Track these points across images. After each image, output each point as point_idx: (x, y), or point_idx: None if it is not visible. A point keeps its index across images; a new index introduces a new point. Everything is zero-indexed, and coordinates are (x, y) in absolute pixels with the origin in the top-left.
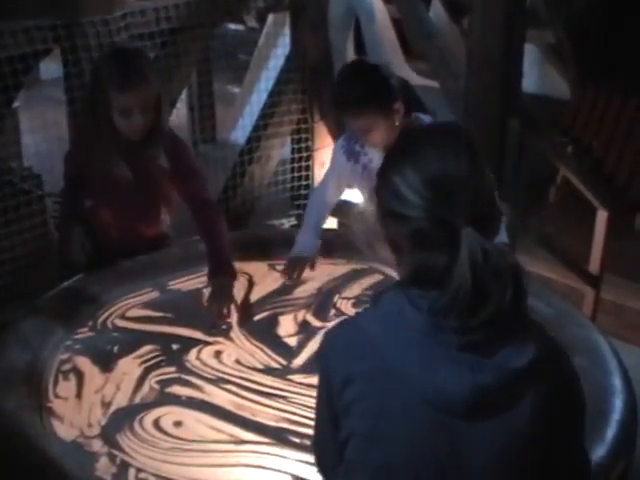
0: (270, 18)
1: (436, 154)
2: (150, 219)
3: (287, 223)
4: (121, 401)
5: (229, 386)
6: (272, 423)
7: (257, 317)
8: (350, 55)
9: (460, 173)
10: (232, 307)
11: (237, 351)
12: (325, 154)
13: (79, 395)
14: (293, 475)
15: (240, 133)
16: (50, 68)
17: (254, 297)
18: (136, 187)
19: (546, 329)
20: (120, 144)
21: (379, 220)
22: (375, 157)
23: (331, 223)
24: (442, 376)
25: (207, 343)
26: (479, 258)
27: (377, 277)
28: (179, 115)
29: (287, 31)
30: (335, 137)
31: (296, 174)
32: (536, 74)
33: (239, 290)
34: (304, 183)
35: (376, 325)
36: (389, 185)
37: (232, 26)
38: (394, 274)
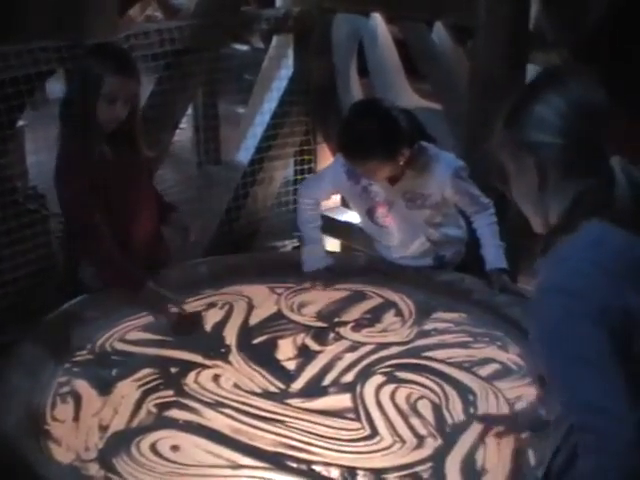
0: (274, 40)
1: (578, 84)
2: (143, 210)
3: (290, 245)
4: (119, 425)
5: (227, 410)
6: (270, 448)
7: (256, 341)
8: (354, 77)
9: (601, 102)
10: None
11: (235, 375)
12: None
13: (77, 418)
14: None
15: (244, 154)
16: (57, 87)
17: (253, 321)
18: (122, 178)
19: None
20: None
21: (519, 163)
22: (377, 182)
23: (333, 246)
24: None
25: (205, 367)
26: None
27: (376, 300)
28: (184, 136)
29: (291, 53)
30: None
31: None
32: None
33: (239, 313)
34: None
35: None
36: (533, 116)
37: (238, 47)
38: (394, 297)
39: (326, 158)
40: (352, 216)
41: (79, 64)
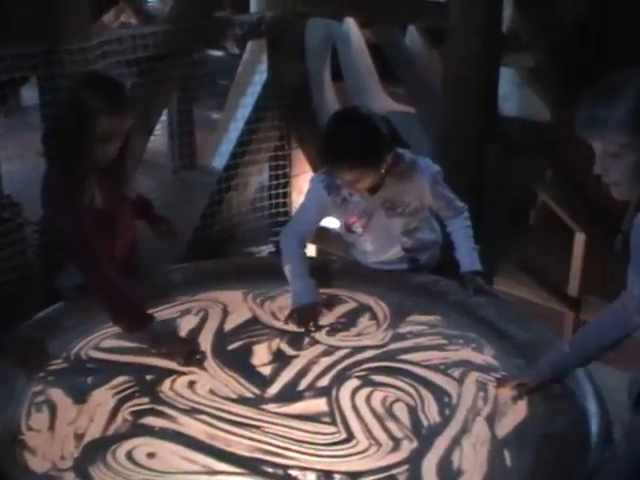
0: (249, 45)
1: None
2: (121, 243)
3: (266, 250)
4: (94, 433)
5: (203, 416)
6: (246, 453)
7: (231, 346)
8: (327, 82)
9: None
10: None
11: (211, 381)
12: (303, 180)
13: (52, 427)
14: None
15: (219, 160)
16: (32, 94)
17: (228, 326)
18: (105, 212)
19: None
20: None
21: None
22: (356, 193)
23: (309, 251)
24: None
25: (181, 373)
26: None
27: (351, 305)
28: (159, 142)
29: (265, 58)
30: (312, 163)
31: (274, 201)
32: (516, 97)
33: (214, 319)
34: (282, 210)
35: None
36: None
37: (213, 52)
38: (368, 301)
39: (301, 163)
40: (327, 221)
41: (69, 95)
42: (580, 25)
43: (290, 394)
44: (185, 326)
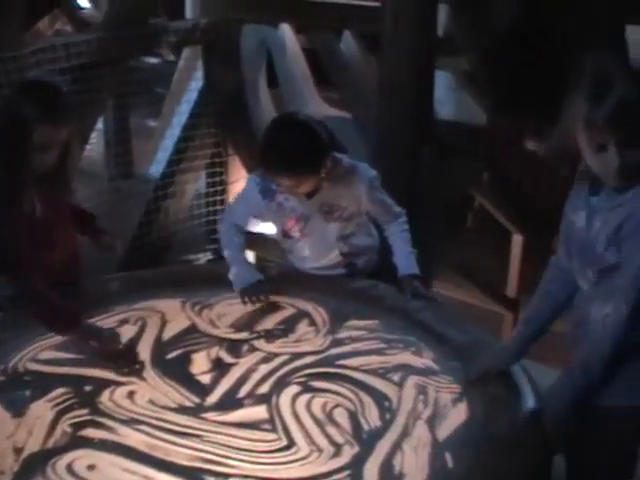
0: (184, 52)
1: None
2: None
3: (203, 258)
4: (33, 446)
5: (142, 427)
6: (186, 463)
7: (170, 355)
8: (263, 88)
9: None
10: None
11: (150, 391)
12: (240, 187)
13: None
14: None
15: (156, 168)
16: None
17: (167, 335)
18: (46, 221)
19: None
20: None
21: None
22: (292, 197)
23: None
24: None
25: (120, 384)
26: None
27: (290, 311)
28: (94, 151)
29: (201, 65)
30: (249, 170)
31: (211, 208)
32: (451, 101)
33: (152, 328)
34: (219, 217)
35: None
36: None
37: (148, 59)
38: (307, 307)
39: (237, 169)
40: (265, 227)
41: (4, 104)
42: (514, 28)
43: (230, 402)
44: (123, 336)
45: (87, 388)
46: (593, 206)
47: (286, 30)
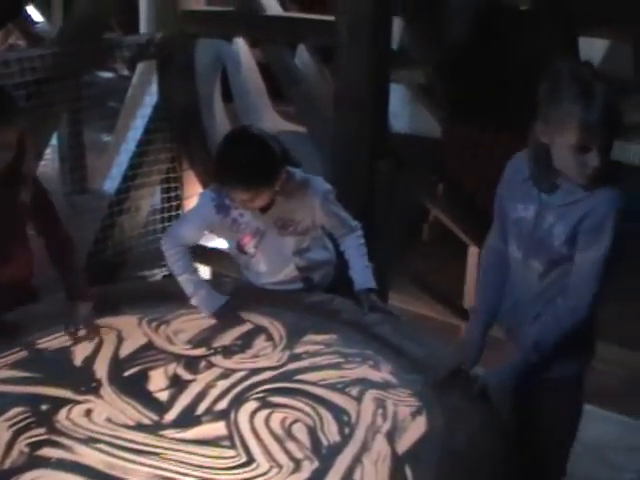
0: (139, 66)
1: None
2: (14, 259)
3: (159, 274)
4: None
5: (100, 445)
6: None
7: (127, 373)
8: (218, 102)
9: None
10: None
11: (107, 409)
12: (195, 202)
13: None
14: None
15: (110, 183)
16: None
17: (123, 352)
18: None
19: None
20: None
21: None
22: (246, 212)
23: (204, 273)
24: None
25: (77, 402)
26: None
27: (247, 326)
28: (49, 166)
29: (155, 79)
30: (204, 185)
31: (167, 223)
32: (407, 114)
33: (108, 346)
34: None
35: None
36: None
37: (102, 74)
38: (263, 322)
39: (192, 185)
40: (220, 242)
41: None
42: (467, 42)
43: (188, 419)
44: (79, 353)
45: (44, 407)
46: (545, 202)
47: (241, 44)
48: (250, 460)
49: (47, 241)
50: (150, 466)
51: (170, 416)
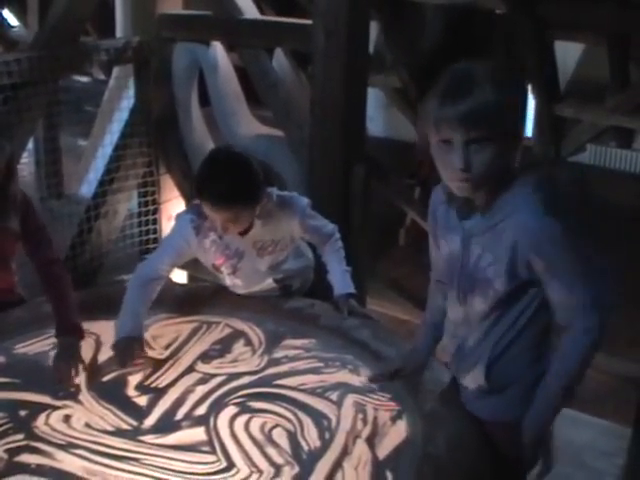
0: (115, 71)
1: None
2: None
3: None
4: None
5: (79, 451)
6: None
7: (106, 378)
8: (195, 106)
9: None
10: (80, 368)
11: (86, 414)
12: (172, 207)
13: None
14: None
15: (87, 188)
16: None
17: (102, 357)
18: None
19: None
20: None
21: None
22: (226, 235)
23: (181, 277)
24: None
25: (55, 407)
26: None
27: (226, 331)
28: (25, 171)
29: (132, 84)
30: (181, 189)
31: (144, 228)
32: (382, 118)
33: (87, 351)
34: (152, 237)
35: None
36: None
37: (78, 78)
38: (242, 327)
39: (169, 189)
40: None
41: None
42: (442, 46)
43: (167, 424)
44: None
45: (22, 412)
46: (467, 229)
47: (218, 48)
48: (230, 465)
49: (39, 266)
50: (130, 472)
51: (149, 421)
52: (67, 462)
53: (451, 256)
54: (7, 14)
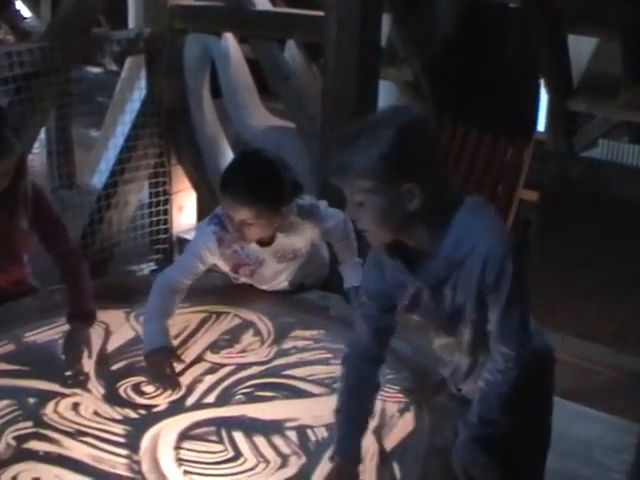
0: (127, 62)
1: None
2: (8, 273)
3: (147, 268)
4: None
5: (88, 439)
6: (133, 475)
7: (114, 367)
8: (206, 98)
9: None
10: (87, 357)
11: (95, 402)
12: (183, 197)
13: None
14: None
15: (98, 178)
16: None
17: (111, 346)
18: None
19: None
20: None
21: None
22: (248, 246)
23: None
24: None
25: (64, 395)
26: None
27: (235, 321)
28: (37, 161)
29: (144, 75)
30: (192, 180)
31: (154, 219)
32: None
33: (96, 339)
34: (163, 227)
35: None
36: None
37: (90, 69)
38: (252, 317)
39: (180, 180)
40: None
41: None
42: (454, 39)
43: (176, 413)
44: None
45: (31, 400)
46: (429, 279)
47: (230, 40)
48: (237, 455)
49: (57, 257)
50: (136, 461)
51: (157, 410)
52: (75, 450)
53: (421, 306)
54: (20, 5)
